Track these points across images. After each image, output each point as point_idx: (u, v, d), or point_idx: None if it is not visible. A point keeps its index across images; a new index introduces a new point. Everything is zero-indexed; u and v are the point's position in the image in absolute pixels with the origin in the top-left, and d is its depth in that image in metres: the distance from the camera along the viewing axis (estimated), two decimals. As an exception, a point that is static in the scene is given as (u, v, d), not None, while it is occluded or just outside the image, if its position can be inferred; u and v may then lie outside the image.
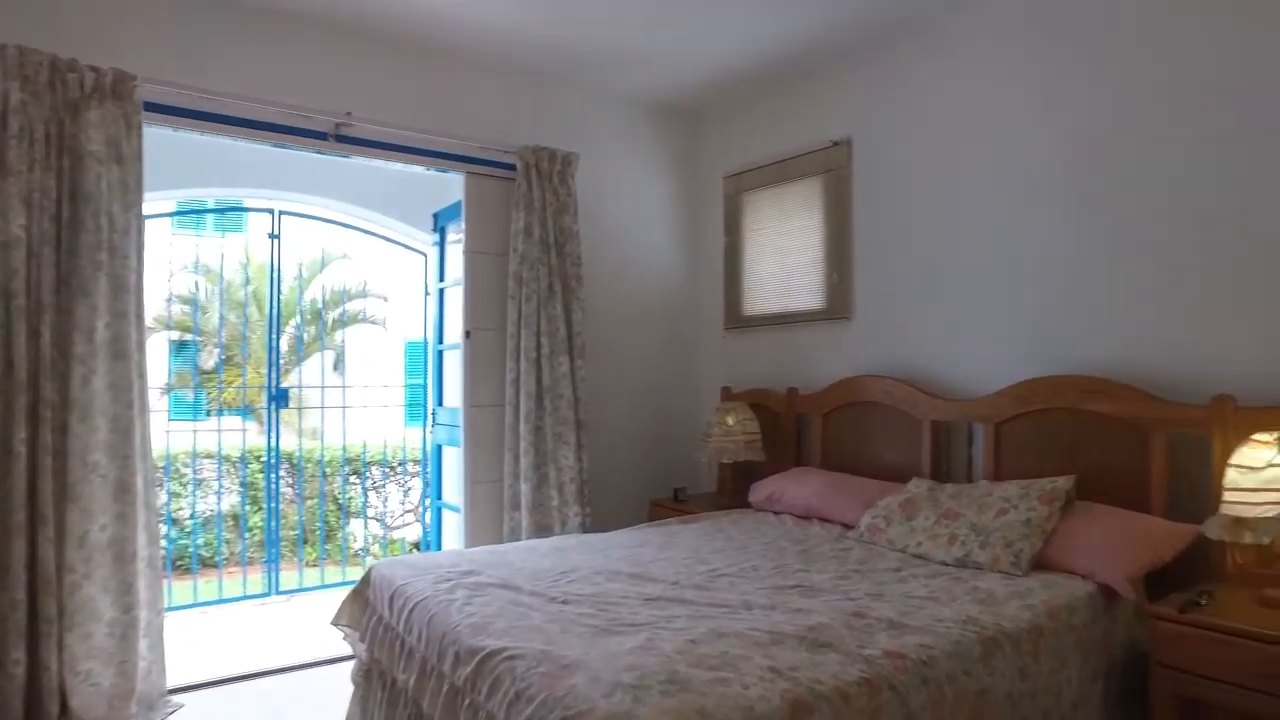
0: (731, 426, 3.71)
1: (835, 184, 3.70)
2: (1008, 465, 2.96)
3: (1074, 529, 2.48)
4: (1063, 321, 2.93)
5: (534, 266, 3.54)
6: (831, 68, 3.72)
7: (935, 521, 2.70)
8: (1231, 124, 2.54)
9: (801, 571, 2.46)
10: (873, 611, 2.02)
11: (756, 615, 1.99)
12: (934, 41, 3.34)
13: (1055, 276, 2.96)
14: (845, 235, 3.67)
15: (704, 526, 3.13)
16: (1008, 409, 2.96)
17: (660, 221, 4.32)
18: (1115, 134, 2.80)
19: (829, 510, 3.16)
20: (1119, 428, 2.67)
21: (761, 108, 4.08)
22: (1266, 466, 2.12)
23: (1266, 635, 1.94)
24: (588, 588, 2.23)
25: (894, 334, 3.48)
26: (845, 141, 3.67)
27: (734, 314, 4.20)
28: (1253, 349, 2.48)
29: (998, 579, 2.34)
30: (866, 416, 3.47)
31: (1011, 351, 3.06)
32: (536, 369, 3.54)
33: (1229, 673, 1.98)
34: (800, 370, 3.85)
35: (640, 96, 4.16)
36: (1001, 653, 1.91)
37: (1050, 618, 2.09)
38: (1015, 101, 3.08)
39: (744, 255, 4.16)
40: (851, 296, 3.66)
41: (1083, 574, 2.35)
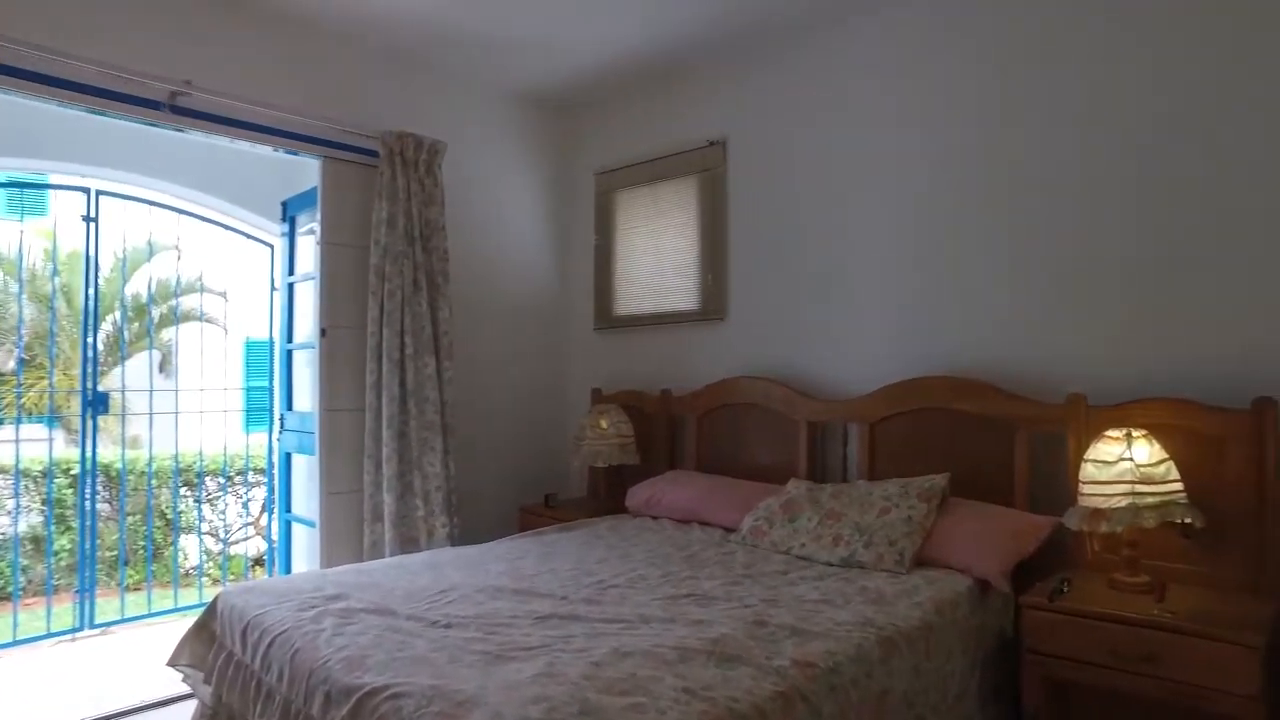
0: (605, 429, 3.61)
1: (710, 184, 3.69)
2: (882, 464, 3.03)
3: (950, 525, 2.56)
4: (934, 323, 3.04)
5: (397, 260, 3.29)
6: (708, 67, 3.71)
7: (818, 522, 2.71)
8: (1084, 139, 2.71)
9: (691, 579, 2.40)
10: (772, 619, 1.98)
11: (657, 629, 1.90)
12: (811, 45, 3.39)
13: (927, 279, 3.06)
14: (720, 236, 3.66)
15: (583, 534, 3.02)
16: (882, 409, 3.04)
17: (530, 217, 4.16)
18: (980, 143, 2.94)
19: (709, 513, 3.13)
20: (985, 426, 2.79)
21: (635, 105, 4.02)
22: (1118, 460, 2.26)
23: (1120, 616, 2.08)
24: (471, 608, 2.06)
25: (770, 335, 3.51)
26: (721, 142, 3.66)
27: (605, 314, 4.11)
28: (1101, 351, 2.66)
29: (883, 578, 2.38)
30: (742, 418, 3.48)
31: (885, 352, 3.15)
32: (400, 370, 3.29)
33: (1089, 653, 2.10)
34: (674, 371, 3.82)
35: (511, 86, 3.98)
36: (899, 653, 1.92)
37: (938, 614, 2.13)
38: (890, 107, 3.17)
39: (616, 254, 4.07)
40: (726, 297, 3.65)
41: (960, 569, 2.43)
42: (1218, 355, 2.45)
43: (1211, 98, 2.48)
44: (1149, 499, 2.20)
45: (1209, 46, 2.49)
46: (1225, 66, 2.46)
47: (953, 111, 3.01)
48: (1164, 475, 2.24)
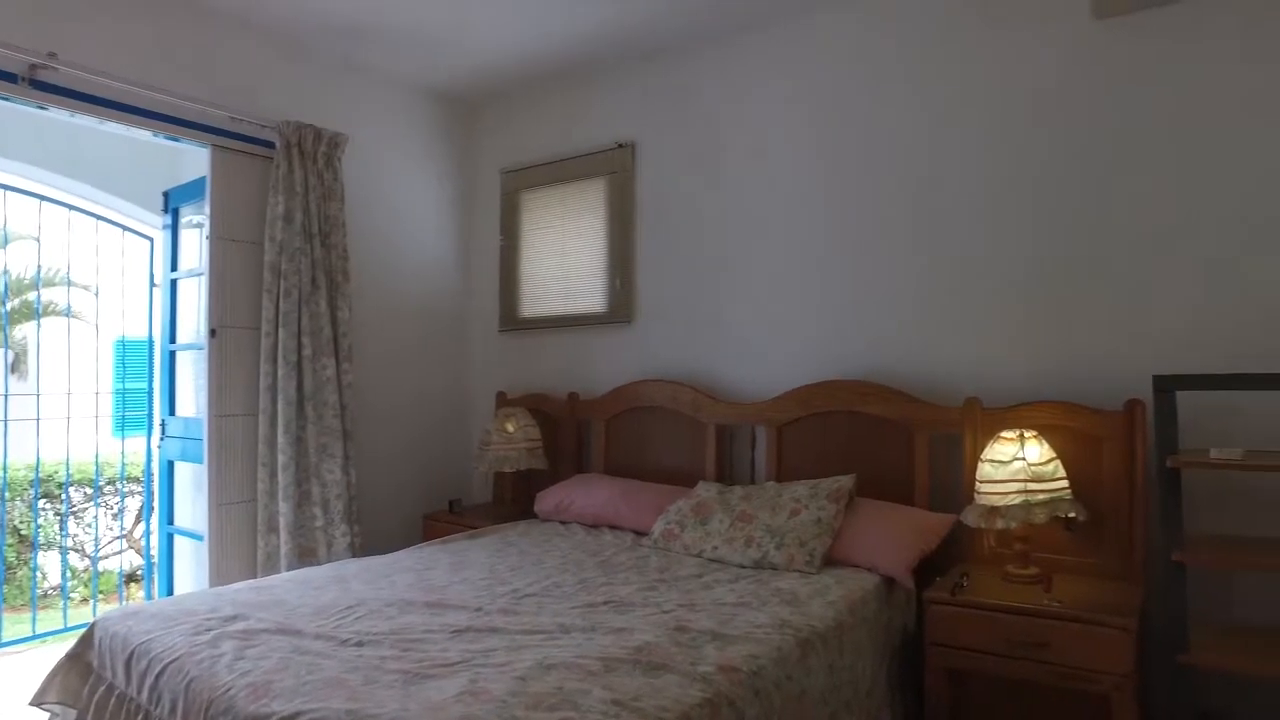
0: (512, 433, 3.55)
1: (619, 186, 3.68)
2: (789, 466, 3.10)
3: (857, 525, 2.64)
4: (839, 328, 3.13)
5: (295, 258, 3.13)
6: (617, 70, 3.70)
7: (730, 524, 2.75)
8: (980, 157, 2.86)
9: (607, 585, 2.38)
10: (692, 623, 1.99)
11: (578, 639, 1.87)
12: (721, 51, 3.43)
13: (832, 285, 3.15)
14: (628, 238, 3.66)
15: (492, 541, 2.95)
16: (790, 412, 3.11)
17: (434, 215, 4.03)
18: (881, 155, 3.05)
19: (620, 517, 3.12)
20: (888, 428, 2.90)
21: (544, 104, 3.96)
22: (1012, 460, 2.40)
23: (1015, 607, 2.20)
24: (382, 624, 1.98)
25: (678, 338, 3.53)
26: (630, 144, 3.66)
27: (510, 315, 4.04)
28: (995, 357, 2.81)
29: (796, 578, 2.43)
30: (650, 421, 3.49)
31: (792, 356, 3.22)
32: (297, 373, 3.13)
33: (988, 643, 2.22)
34: (582, 374, 3.79)
35: (415, 80, 3.85)
36: (815, 653, 1.96)
37: (850, 613, 2.20)
38: (795, 113, 3.25)
39: (521, 254, 4.01)
40: (634, 300, 3.66)
41: (868, 567, 2.51)
42: (1095, 360, 2.64)
43: (1089, 125, 2.66)
44: (1040, 496, 2.34)
45: (1097, 75, 2.67)
46: (1106, 96, 2.65)
47: (854, 121, 3.11)
48: (1052, 473, 2.39)
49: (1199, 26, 2.50)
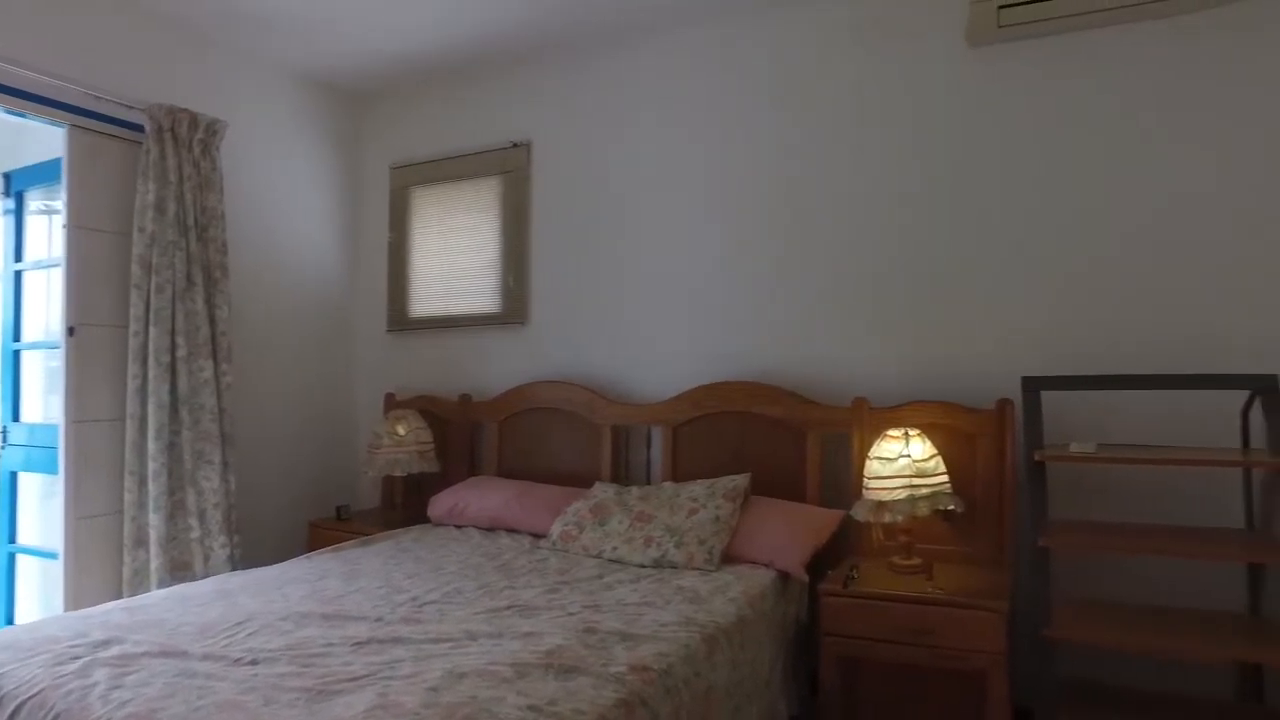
0: (403, 436, 3.44)
1: (514, 185, 3.65)
2: (684, 466, 3.16)
3: (752, 522, 2.72)
4: (732, 330, 3.22)
5: (168, 251, 2.91)
6: (512, 68, 3.66)
7: (629, 525, 2.77)
8: (866, 167, 3.01)
9: (509, 589, 2.35)
10: (600, 625, 1.99)
11: (487, 646, 1.84)
12: (618, 54, 3.46)
13: (725, 289, 3.24)
14: (523, 238, 3.63)
15: (387, 548, 2.85)
16: (684, 412, 3.16)
17: (320, 210, 3.86)
18: (772, 161, 3.16)
19: (517, 520, 3.09)
20: (780, 428, 3.00)
21: (437, 99, 3.87)
22: (898, 457, 2.54)
23: (901, 596, 2.33)
24: (277, 639, 1.88)
25: (573, 339, 3.53)
26: (525, 144, 3.63)
27: (399, 315, 3.92)
28: (880, 358, 2.97)
29: (696, 576, 2.48)
30: (545, 422, 3.47)
31: (687, 358, 3.28)
32: (171, 374, 2.92)
33: (877, 631, 2.34)
34: (474, 376, 3.73)
35: (300, 69, 3.67)
36: (720, 649, 2.01)
37: (750, 607, 2.26)
38: (689, 118, 3.31)
39: (411, 253, 3.90)
40: (528, 301, 3.63)
41: (764, 563, 2.59)
42: (970, 362, 2.83)
43: (963, 142, 2.86)
44: (923, 490, 2.49)
45: (970, 97, 2.86)
46: (977, 116, 2.84)
47: (742, 129, 3.21)
48: (934, 469, 2.54)
49: (1061, 59, 2.73)
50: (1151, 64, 2.62)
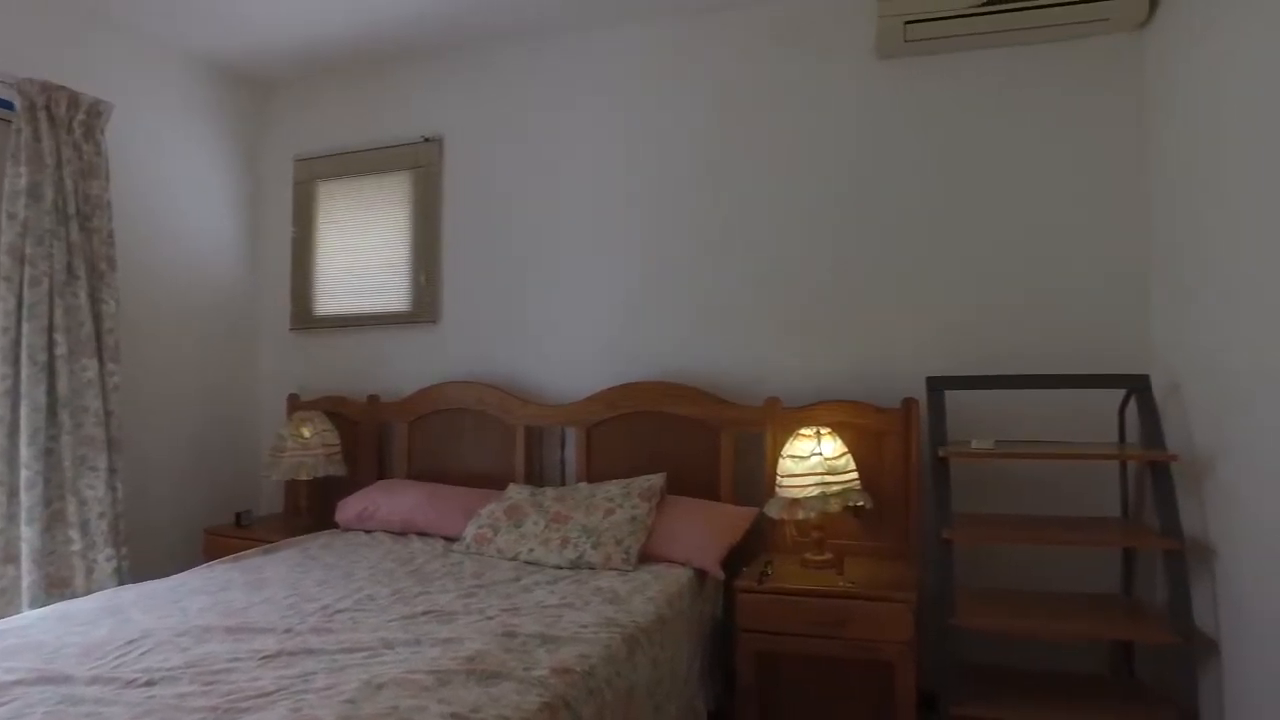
0: (309, 439, 3.31)
1: (425, 181, 3.56)
2: (599, 466, 3.16)
3: (669, 521, 2.74)
4: (647, 330, 3.23)
5: (45, 241, 2.70)
6: (425, 62, 3.57)
7: (545, 526, 2.75)
8: (781, 173, 3.08)
9: (424, 594, 2.29)
10: (520, 628, 1.97)
11: (405, 654, 1.78)
12: (532, 50, 3.42)
13: (639, 289, 3.25)
14: (434, 235, 3.54)
15: (292, 556, 2.73)
16: (599, 413, 3.16)
17: (218, 201, 3.65)
18: (689, 164, 3.19)
19: (429, 523, 3.02)
20: (694, 427, 3.04)
21: (345, 90, 3.73)
22: (810, 455, 2.61)
23: (815, 591, 2.40)
24: (176, 657, 1.76)
25: (486, 339, 3.47)
26: (437, 139, 3.55)
27: (303, 313, 3.76)
28: (792, 358, 3.04)
29: (614, 576, 2.48)
30: (457, 423, 3.40)
31: (601, 358, 3.28)
32: (49, 375, 2.70)
33: (792, 625, 2.40)
34: (383, 376, 3.62)
35: (199, 51, 3.46)
36: (641, 649, 2.01)
37: (669, 606, 2.28)
38: (606, 121, 3.31)
39: (317, 248, 3.75)
40: (440, 299, 3.55)
41: (681, 561, 2.61)
42: (878, 363, 2.94)
43: (873, 150, 2.97)
44: (834, 487, 2.56)
45: (879, 106, 2.96)
46: (885, 124, 2.95)
47: (658, 132, 3.23)
48: (844, 466, 2.62)
49: (961, 75, 2.87)
50: (1038, 83, 2.79)
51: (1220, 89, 2.17)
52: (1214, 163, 2.21)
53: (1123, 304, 2.70)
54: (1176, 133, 2.47)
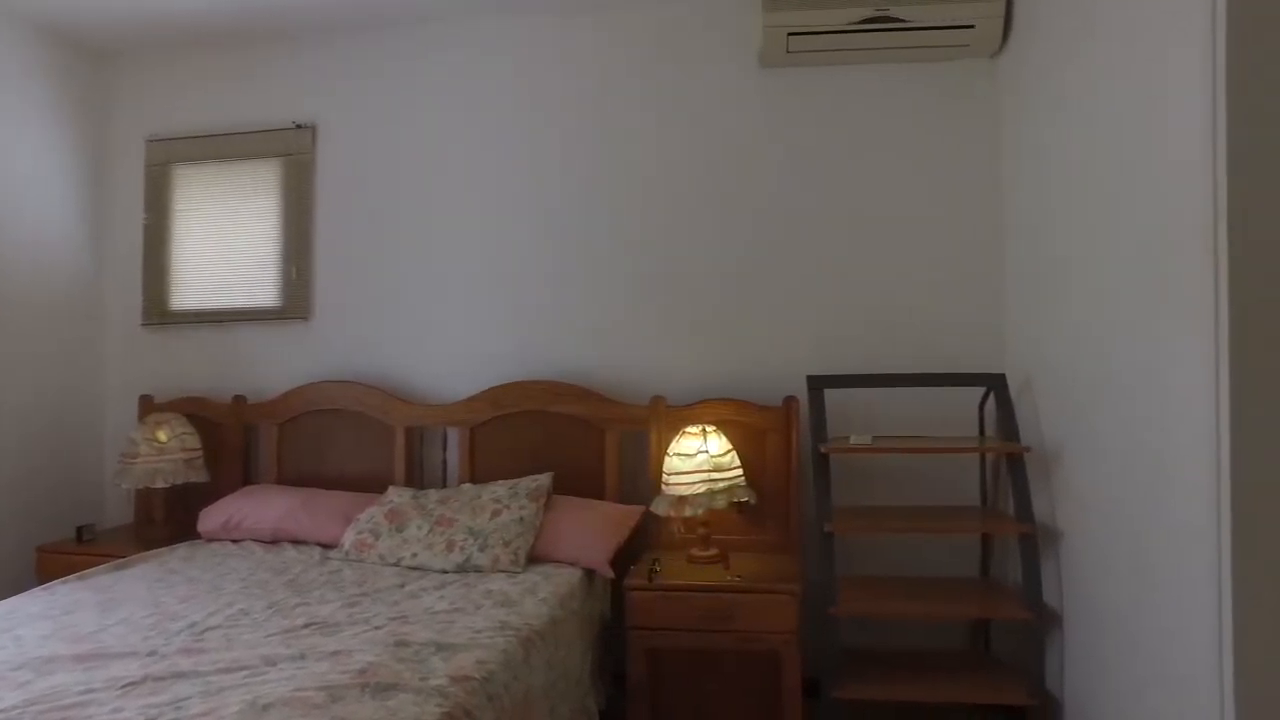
0: (165, 443, 3.07)
1: (297, 170, 3.37)
2: (483, 467, 3.10)
3: (556, 521, 2.73)
4: (531, 329, 3.20)
5: None
6: (298, 43, 3.38)
7: (430, 530, 2.67)
8: (665, 172, 3.12)
9: (303, 606, 2.18)
10: (411, 636, 1.91)
11: (290, 670, 1.69)
12: (415, 38, 3.31)
13: (524, 286, 3.21)
14: (307, 227, 3.37)
15: (150, 571, 2.53)
16: (482, 413, 3.10)
17: (56, 183, 3.30)
18: (574, 163, 3.18)
19: (303, 530, 2.87)
20: (579, 426, 3.04)
21: (207, 67, 3.47)
22: (697, 453, 2.67)
23: (703, 586, 2.45)
24: (14, 694, 1.59)
25: (364, 336, 3.33)
26: (310, 126, 3.37)
27: (158, 307, 3.48)
28: (677, 358, 3.09)
29: (503, 579, 2.44)
30: (332, 425, 3.25)
31: (484, 357, 3.22)
32: None
33: (682, 622, 2.44)
34: (250, 375, 3.40)
35: (34, 14, 3.12)
36: (536, 651, 2.00)
37: (561, 607, 2.27)
38: (490, 116, 3.25)
39: (173, 237, 3.47)
40: (312, 295, 3.37)
41: (570, 561, 2.61)
42: (760, 362, 3.03)
43: (754, 154, 3.06)
44: (721, 484, 2.63)
45: (762, 113, 3.06)
46: (768, 130, 3.06)
47: (543, 128, 3.21)
48: (730, 463, 2.69)
49: (840, 88, 3.02)
50: (906, 100, 2.98)
51: (1060, 112, 2.38)
52: (1057, 178, 2.43)
53: (982, 308, 2.92)
54: (1025, 152, 2.69)
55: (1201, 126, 1.64)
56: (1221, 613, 1.59)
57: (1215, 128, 1.60)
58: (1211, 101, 1.61)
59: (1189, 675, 1.73)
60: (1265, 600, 1.56)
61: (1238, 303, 1.56)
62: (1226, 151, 1.57)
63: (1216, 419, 1.59)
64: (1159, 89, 1.83)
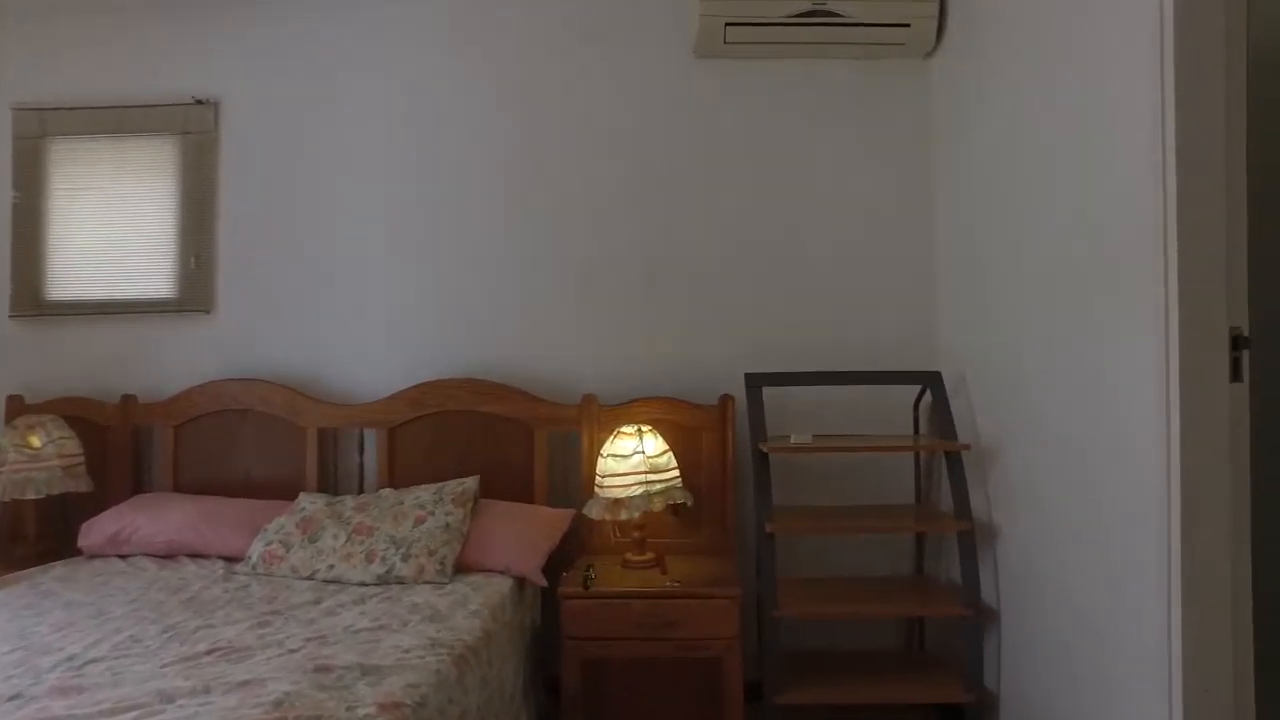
0: (40, 449, 2.77)
1: (197, 150, 3.09)
2: (403, 471, 2.92)
3: (484, 527, 2.58)
4: (455, 326, 3.04)
5: None
6: (199, 11, 3.10)
7: (347, 539, 2.48)
8: (594, 164, 3.00)
9: (206, 629, 1.97)
10: (333, 660, 1.73)
11: (192, 708, 1.49)
12: (330, 14, 3.08)
13: (448, 282, 3.04)
14: (208, 212, 3.09)
15: (18, 595, 2.24)
16: (402, 412, 2.92)
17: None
18: (500, 152, 3.03)
19: (204, 543, 2.63)
20: (507, 427, 2.89)
21: (94, 31, 3.12)
22: (633, 454, 2.57)
23: (642, 592, 2.37)
24: None
25: (271, 332, 3.09)
26: (212, 102, 3.09)
27: (30, 297, 3.13)
28: (610, 355, 2.99)
29: (429, 590, 2.28)
30: (235, 427, 3.00)
31: (405, 354, 3.04)
32: None
33: (620, 630, 2.35)
34: (141, 373, 3.10)
35: None
36: (470, 669, 1.86)
37: (493, 619, 2.13)
38: (409, 102, 3.06)
39: (50, 219, 3.13)
40: (214, 285, 3.11)
41: (499, 570, 2.47)
42: (696, 359, 2.96)
43: (688, 146, 2.98)
44: (658, 486, 2.54)
45: (694, 103, 2.98)
46: (701, 121, 2.98)
47: (469, 113, 3.05)
48: (667, 464, 2.61)
49: (776, 81, 2.97)
50: (842, 96, 2.96)
51: (993, 112, 2.40)
52: (989, 178, 2.44)
53: (917, 306, 2.93)
54: (958, 151, 2.71)
55: (1149, 123, 1.65)
56: (1171, 607, 1.60)
57: (1164, 124, 1.60)
58: (1159, 97, 1.61)
59: (1135, 670, 1.74)
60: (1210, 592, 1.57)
61: (1188, 299, 1.57)
62: (1176, 148, 1.58)
63: (1167, 413, 1.60)
64: (1095, 90, 1.84)
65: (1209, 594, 1.56)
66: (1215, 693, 1.56)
